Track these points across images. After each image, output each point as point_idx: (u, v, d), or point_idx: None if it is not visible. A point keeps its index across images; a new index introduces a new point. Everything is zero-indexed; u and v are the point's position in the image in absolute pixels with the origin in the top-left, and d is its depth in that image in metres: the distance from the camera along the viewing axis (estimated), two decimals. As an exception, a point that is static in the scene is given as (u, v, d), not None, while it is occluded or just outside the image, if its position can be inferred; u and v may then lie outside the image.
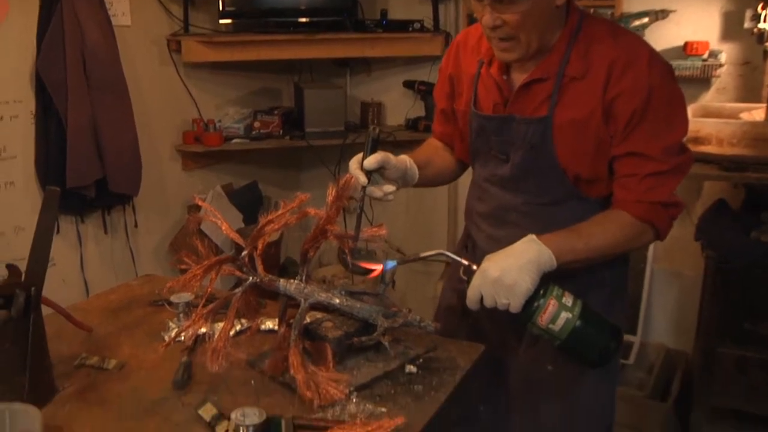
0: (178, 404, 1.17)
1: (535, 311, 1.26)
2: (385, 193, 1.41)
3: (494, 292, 1.25)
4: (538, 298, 1.26)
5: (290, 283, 1.27)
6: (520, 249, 1.28)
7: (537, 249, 1.27)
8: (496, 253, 1.29)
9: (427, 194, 3.56)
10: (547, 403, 1.52)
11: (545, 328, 1.27)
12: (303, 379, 1.15)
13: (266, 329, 1.45)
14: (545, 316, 1.26)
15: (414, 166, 1.50)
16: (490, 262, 1.27)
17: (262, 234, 1.24)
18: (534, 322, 1.27)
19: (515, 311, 1.26)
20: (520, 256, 1.26)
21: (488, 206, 1.55)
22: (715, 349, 2.53)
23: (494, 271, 1.24)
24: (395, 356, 1.28)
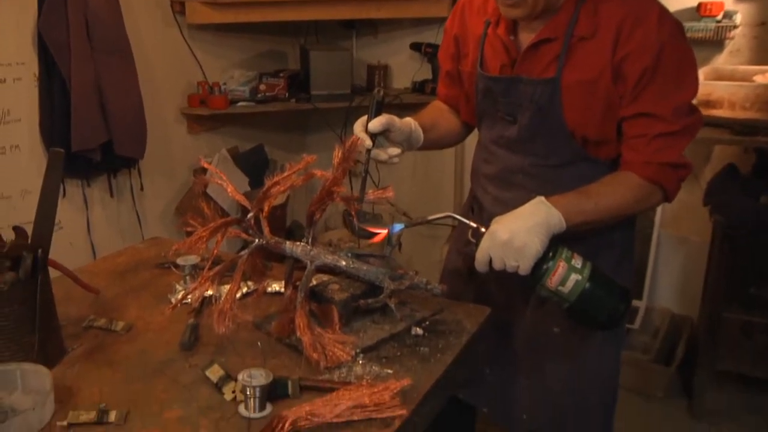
0: (185, 365, 1.18)
1: (545, 273, 1.26)
2: (390, 156, 1.41)
3: (503, 255, 1.25)
4: (547, 260, 1.26)
5: (296, 245, 1.27)
6: (529, 211, 1.27)
7: (546, 210, 1.26)
8: (505, 216, 1.28)
9: (434, 157, 3.55)
10: (553, 366, 1.53)
11: (554, 290, 1.27)
12: (309, 341, 1.16)
13: (272, 291, 1.46)
14: (554, 278, 1.26)
15: (419, 128, 1.49)
16: (499, 224, 1.26)
17: (268, 196, 1.24)
18: (543, 285, 1.27)
19: (524, 273, 1.26)
20: (529, 218, 1.25)
21: (495, 168, 1.54)
22: (720, 314, 2.54)
23: (503, 233, 1.24)
24: (401, 318, 1.29)
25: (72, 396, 1.09)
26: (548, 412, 1.54)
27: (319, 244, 1.29)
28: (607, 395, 1.57)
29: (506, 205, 1.45)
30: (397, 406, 1.02)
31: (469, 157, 1.71)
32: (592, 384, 1.53)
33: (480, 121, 1.59)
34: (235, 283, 1.22)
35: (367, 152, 1.36)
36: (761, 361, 2.52)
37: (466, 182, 2.33)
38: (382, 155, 1.40)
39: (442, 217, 1.35)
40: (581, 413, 1.54)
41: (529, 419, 1.57)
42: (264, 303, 1.40)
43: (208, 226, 1.20)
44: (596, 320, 1.32)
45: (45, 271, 1.17)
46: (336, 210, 3.45)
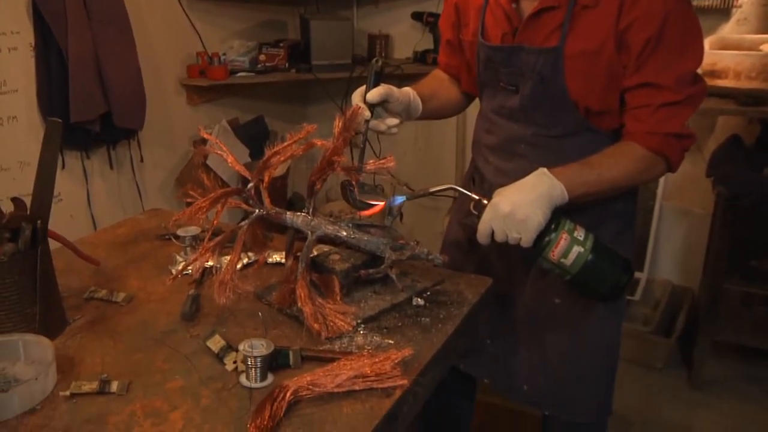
0: (187, 336, 1.19)
1: (547, 245, 1.26)
2: (388, 127, 1.40)
3: (505, 227, 1.24)
4: (549, 232, 1.25)
5: (297, 215, 1.27)
6: (532, 183, 1.26)
7: (548, 182, 1.26)
8: (507, 187, 1.28)
9: (435, 127, 3.53)
10: (553, 337, 1.53)
11: (557, 262, 1.27)
12: (310, 312, 1.16)
13: (273, 262, 1.46)
14: (557, 251, 1.26)
15: (417, 98, 1.48)
16: (501, 196, 1.26)
17: (268, 166, 1.23)
18: (545, 257, 1.27)
19: (526, 246, 1.25)
20: (532, 190, 1.25)
21: (496, 138, 1.53)
22: (721, 285, 2.54)
23: (505, 205, 1.24)
24: (402, 289, 1.29)
25: (74, 366, 1.10)
26: (548, 383, 1.55)
27: (319, 214, 1.28)
28: (608, 366, 1.58)
29: (508, 176, 1.44)
30: (398, 376, 1.03)
31: (471, 128, 1.70)
32: (593, 355, 1.53)
33: (481, 91, 1.58)
34: (236, 253, 1.22)
35: (366, 123, 1.36)
36: (760, 332, 2.54)
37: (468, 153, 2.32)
38: (380, 126, 1.39)
39: (444, 189, 1.34)
40: (581, 384, 1.55)
41: (529, 390, 1.58)
42: (265, 274, 1.40)
43: (208, 196, 1.20)
44: (598, 292, 1.32)
45: (45, 242, 1.17)
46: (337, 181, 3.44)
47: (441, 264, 1.26)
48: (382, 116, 1.40)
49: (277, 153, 1.22)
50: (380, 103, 1.38)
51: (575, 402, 1.55)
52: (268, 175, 1.25)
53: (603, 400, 1.58)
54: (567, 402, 1.55)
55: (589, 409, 1.56)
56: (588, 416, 1.56)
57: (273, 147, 1.23)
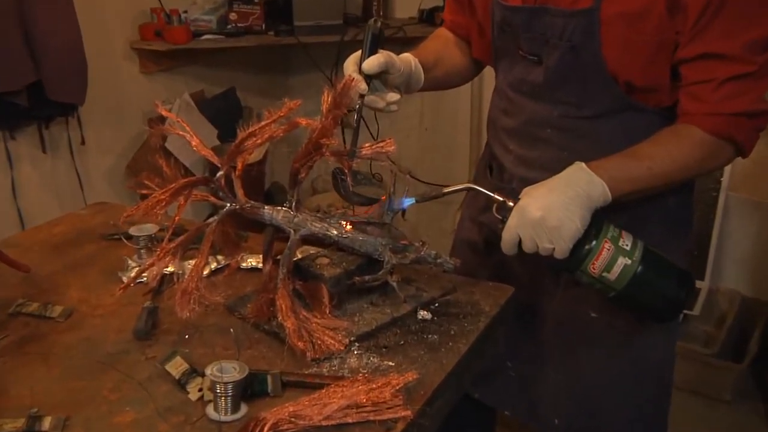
0: (141, 358, 1.20)
1: (586, 257, 1.27)
2: (387, 103, 1.41)
3: (535, 235, 1.26)
4: (588, 240, 1.27)
5: (277, 210, 1.28)
6: (566, 180, 1.28)
7: (586, 180, 1.27)
8: (537, 186, 1.29)
9: (445, 102, 3.53)
10: (590, 359, 1.55)
11: (598, 276, 1.28)
12: (293, 327, 1.17)
13: (248, 267, 1.48)
14: (598, 263, 1.27)
15: (419, 68, 1.49)
16: (530, 198, 1.27)
17: (242, 150, 1.25)
18: (584, 270, 1.29)
19: (561, 257, 1.27)
20: (566, 190, 1.26)
21: (516, 120, 1.54)
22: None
23: (535, 209, 1.25)
24: (405, 300, 1.31)
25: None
26: (583, 415, 1.57)
27: (304, 209, 1.30)
28: (658, 396, 1.59)
29: (531, 167, 1.45)
30: (400, 406, 1.04)
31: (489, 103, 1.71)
32: (640, 382, 1.55)
33: (497, 61, 1.58)
34: (202, 257, 1.23)
35: (360, 98, 1.36)
36: None
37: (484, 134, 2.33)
38: (378, 102, 1.40)
39: (461, 189, 1.37)
40: (624, 417, 1.56)
41: (559, 423, 1.59)
42: (238, 281, 1.42)
43: (168, 187, 1.21)
44: (652, 311, 1.34)
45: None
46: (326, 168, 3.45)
47: (452, 269, 1.28)
48: (381, 90, 1.41)
49: (252, 134, 1.24)
50: (379, 74, 1.38)
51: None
52: (242, 161, 1.26)
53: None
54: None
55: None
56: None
57: (247, 127, 1.24)
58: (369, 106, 1.40)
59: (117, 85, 3.12)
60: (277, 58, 3.79)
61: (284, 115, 1.24)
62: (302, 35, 3.25)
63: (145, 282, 1.38)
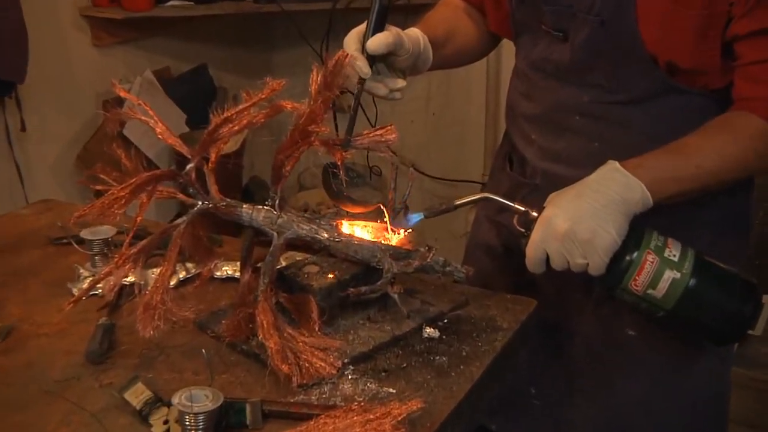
0: (95, 385, 1.20)
1: (626, 272, 1.28)
2: (391, 90, 1.42)
3: (565, 250, 1.27)
4: (628, 252, 1.27)
5: (257, 210, 1.28)
6: (598, 184, 1.28)
7: (622, 182, 1.28)
8: (563, 192, 1.30)
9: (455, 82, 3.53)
10: (627, 385, 1.55)
11: (642, 294, 1.29)
12: (276, 347, 1.18)
13: (223, 276, 1.49)
14: (641, 278, 1.28)
15: (428, 47, 1.50)
16: (556, 207, 1.28)
17: (215, 138, 1.25)
18: (625, 288, 1.29)
19: (597, 274, 1.28)
20: (598, 195, 1.27)
21: (539, 106, 1.55)
22: None
23: (562, 219, 1.26)
24: (408, 315, 1.31)
25: None
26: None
27: (290, 209, 1.30)
28: (711, 430, 1.60)
29: (557, 160, 1.46)
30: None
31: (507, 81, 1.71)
32: (688, 413, 1.56)
33: (517, 37, 1.59)
34: (169, 264, 1.24)
35: (360, 83, 1.36)
36: None
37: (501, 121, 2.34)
38: (380, 89, 1.41)
39: (476, 200, 1.38)
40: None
41: (592, 461, 1.60)
42: (211, 293, 1.43)
43: (128, 182, 1.21)
44: (710, 331, 1.34)
45: None
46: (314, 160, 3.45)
47: (463, 279, 1.29)
48: (384, 74, 1.42)
49: (228, 120, 1.24)
50: (385, 56, 1.39)
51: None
52: (216, 152, 1.27)
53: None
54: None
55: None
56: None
57: (222, 111, 1.24)
58: (369, 92, 1.40)
59: (64, 61, 3.10)
60: (257, 30, 3.78)
61: (266, 97, 1.24)
62: (287, 2, 3.25)
63: (99, 295, 1.39)
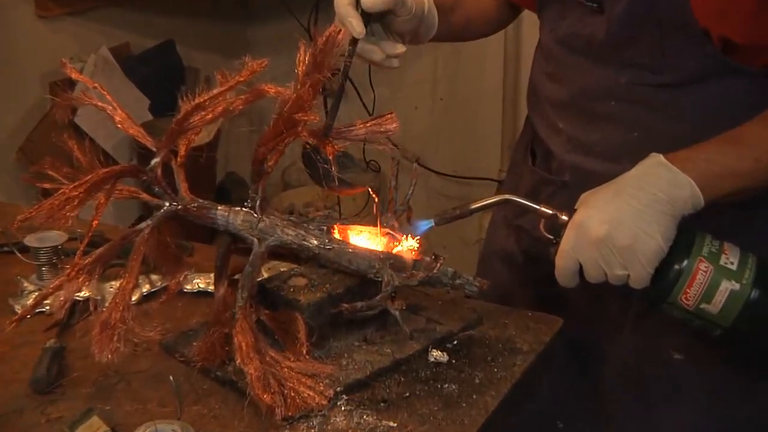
0: (40, 420, 1.20)
1: (675, 284, 1.28)
2: (387, 56, 1.42)
3: (601, 259, 1.27)
4: (676, 260, 1.28)
5: (235, 212, 1.29)
6: (639, 180, 1.29)
7: (668, 178, 1.28)
8: (598, 191, 1.31)
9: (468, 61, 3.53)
10: (672, 420, 1.56)
11: (694, 309, 1.29)
12: (257, 373, 1.18)
13: (194, 291, 1.50)
14: (692, 291, 1.28)
15: (434, 10, 1.51)
16: (590, 208, 1.29)
17: (185, 128, 1.25)
18: (674, 302, 1.30)
19: (640, 286, 1.28)
20: (640, 194, 1.27)
21: (568, 89, 1.55)
22: None
23: (598, 223, 1.26)
24: (412, 335, 1.32)
25: None
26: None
27: (273, 210, 1.31)
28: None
29: (589, 153, 1.47)
30: (405, 482, 1.06)
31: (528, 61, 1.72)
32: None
33: (541, 8, 1.60)
34: (131, 276, 1.24)
35: (353, 44, 1.36)
36: None
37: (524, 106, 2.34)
38: (375, 53, 1.41)
39: (495, 203, 1.39)
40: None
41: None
42: (180, 310, 1.44)
43: (82, 180, 1.21)
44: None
45: None
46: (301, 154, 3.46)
47: (476, 293, 1.30)
48: (381, 37, 1.43)
49: (200, 107, 1.24)
50: (382, 14, 1.39)
51: None
52: (186, 145, 1.27)
53: None
54: None
55: None
56: None
57: (193, 96, 1.25)
58: (363, 57, 1.41)
59: (3, 35, 3.11)
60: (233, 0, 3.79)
61: (244, 79, 1.24)
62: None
63: (47, 313, 1.40)
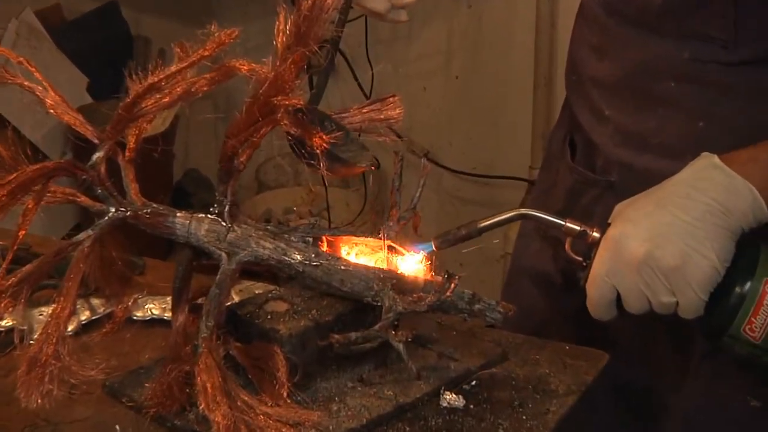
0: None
1: (736, 312, 1.29)
2: (393, 6, 1.45)
3: (643, 284, 1.28)
4: (737, 282, 1.29)
5: (198, 219, 1.30)
6: (688, 187, 1.30)
7: (724, 184, 1.29)
8: (638, 200, 1.33)
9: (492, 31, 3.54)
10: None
11: (763, 342, 1.30)
12: (226, 422, 1.19)
13: (146, 318, 1.51)
14: (759, 319, 1.29)
15: None
16: (628, 222, 1.30)
17: (135, 115, 1.26)
18: (736, 335, 1.31)
19: (692, 316, 1.30)
20: (690, 204, 1.28)
21: (617, 67, 1.57)
22: None
23: (638, 240, 1.28)
24: (419, 374, 1.32)
25: None
26: None
27: (245, 218, 1.31)
28: None
29: (643, 147, 1.48)
30: None
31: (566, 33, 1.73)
32: None
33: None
34: (66, 301, 1.25)
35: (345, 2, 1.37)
36: None
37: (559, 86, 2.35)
38: (378, 1, 1.44)
39: (509, 219, 1.41)
40: None
41: None
42: (128, 343, 1.45)
43: (3, 180, 1.22)
44: None
45: None
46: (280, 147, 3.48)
47: (500, 321, 1.30)
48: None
49: (153, 88, 1.25)
50: None
51: None
52: (136, 136, 1.28)
53: None
54: None
55: None
56: None
57: (144, 73, 1.25)
58: (363, 7, 1.43)
59: None
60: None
61: (209, 54, 1.25)
62: None
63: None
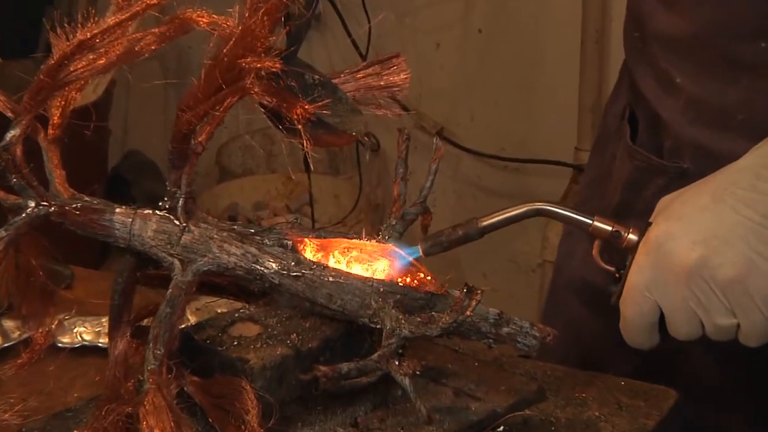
0: None
1: None
2: None
3: (694, 301, 1.31)
4: None
5: (145, 216, 1.31)
6: (752, 177, 1.33)
7: None
8: (685, 193, 1.36)
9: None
10: None
11: None
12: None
13: (75, 345, 1.53)
14: None
15: None
16: (674, 221, 1.33)
17: (60, 83, 1.27)
18: None
19: (757, 342, 1.32)
20: (754, 199, 1.31)
21: (692, 23, 1.59)
22: None
23: (687, 245, 1.30)
24: (430, 416, 1.33)
25: None
26: None
27: (204, 215, 1.33)
28: None
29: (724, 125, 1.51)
30: None
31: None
32: None
33: None
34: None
35: None
36: None
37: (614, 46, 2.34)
38: None
39: (522, 215, 1.42)
40: None
41: None
42: (52, 377, 1.47)
43: None
44: None
45: None
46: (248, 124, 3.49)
47: (535, 347, 1.32)
48: None
49: (84, 46, 1.27)
50: None
51: None
52: (62, 108, 1.30)
53: None
54: None
55: None
56: None
57: (73, 27, 1.27)
58: None
59: None
60: None
61: (158, 2, 1.26)
62: None
63: None
